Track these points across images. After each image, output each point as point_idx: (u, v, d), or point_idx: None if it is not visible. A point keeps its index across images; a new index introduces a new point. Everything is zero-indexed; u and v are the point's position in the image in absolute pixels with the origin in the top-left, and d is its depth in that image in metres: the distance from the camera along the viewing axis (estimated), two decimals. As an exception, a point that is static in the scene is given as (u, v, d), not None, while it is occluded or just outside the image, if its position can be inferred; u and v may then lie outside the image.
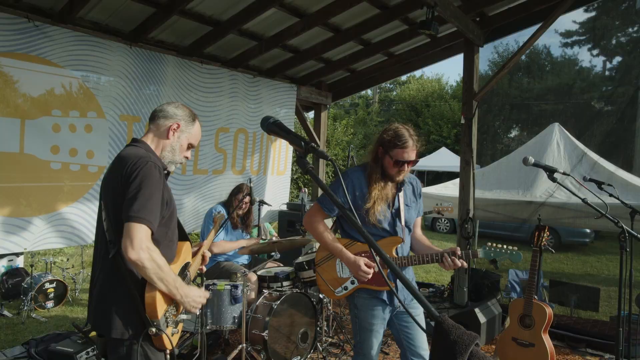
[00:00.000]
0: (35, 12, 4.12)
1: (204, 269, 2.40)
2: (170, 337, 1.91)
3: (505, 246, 2.51)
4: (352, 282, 2.61)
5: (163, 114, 2.09)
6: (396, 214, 2.57)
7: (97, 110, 4.56)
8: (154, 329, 1.81)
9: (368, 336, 2.55)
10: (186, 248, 2.18)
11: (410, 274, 2.70)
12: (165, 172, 2.02)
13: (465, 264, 2.43)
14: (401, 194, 2.59)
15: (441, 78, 30.07)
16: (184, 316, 2.05)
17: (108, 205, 1.91)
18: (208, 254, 2.38)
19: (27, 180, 4.11)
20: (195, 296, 1.99)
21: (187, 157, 2.17)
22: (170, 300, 1.92)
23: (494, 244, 2.53)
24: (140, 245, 1.73)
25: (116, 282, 1.86)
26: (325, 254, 2.73)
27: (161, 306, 1.84)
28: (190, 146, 2.15)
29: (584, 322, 4.83)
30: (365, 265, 2.45)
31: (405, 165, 2.48)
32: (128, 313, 1.84)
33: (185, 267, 2.14)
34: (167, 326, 1.90)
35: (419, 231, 2.77)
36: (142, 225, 1.76)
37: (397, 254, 2.55)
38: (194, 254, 2.31)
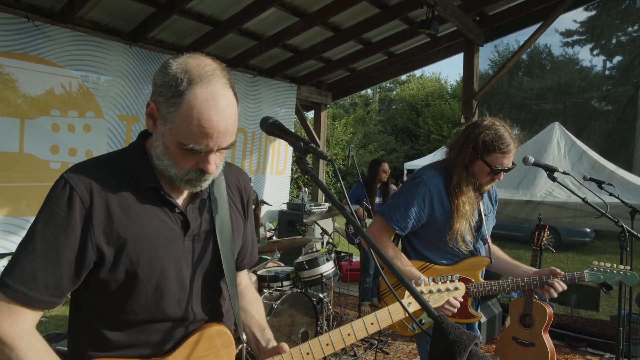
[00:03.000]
0: (35, 12, 4.12)
1: None
2: None
3: (615, 265, 2.16)
4: None
5: None
6: (476, 229, 2.15)
7: (96, 110, 4.57)
8: None
9: None
10: (213, 339, 1.30)
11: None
12: (153, 188, 1.16)
13: (565, 287, 2.09)
14: (481, 204, 2.17)
15: (439, 77, 30.13)
16: None
17: None
18: None
19: (27, 180, 4.11)
20: None
21: (202, 170, 1.14)
22: None
23: (602, 263, 2.16)
24: None
25: None
26: (394, 281, 2.17)
27: None
28: (183, 147, 1.09)
29: (584, 321, 4.82)
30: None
31: (502, 173, 2.05)
32: None
33: None
34: None
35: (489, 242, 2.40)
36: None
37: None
38: (263, 354, 1.37)
